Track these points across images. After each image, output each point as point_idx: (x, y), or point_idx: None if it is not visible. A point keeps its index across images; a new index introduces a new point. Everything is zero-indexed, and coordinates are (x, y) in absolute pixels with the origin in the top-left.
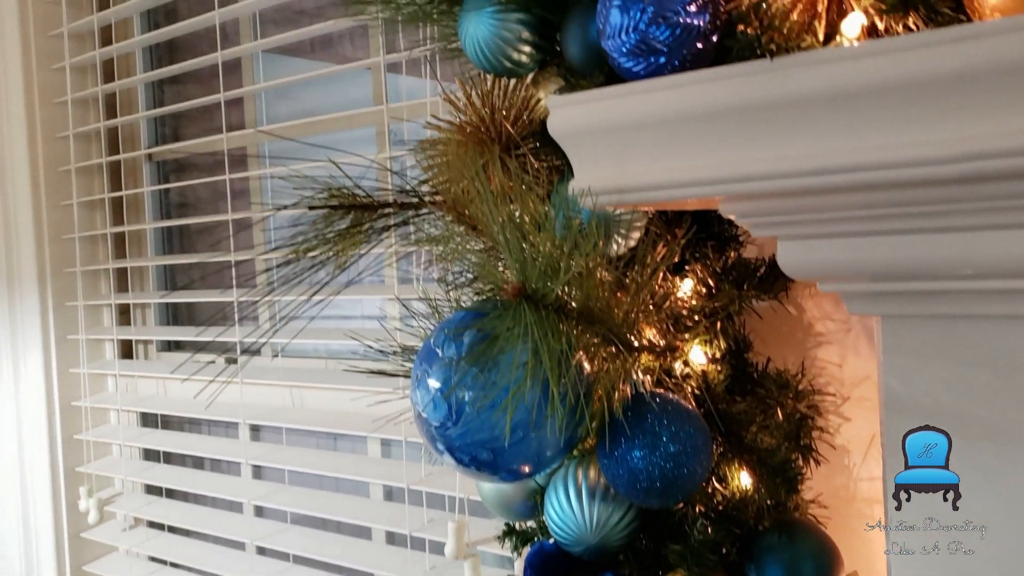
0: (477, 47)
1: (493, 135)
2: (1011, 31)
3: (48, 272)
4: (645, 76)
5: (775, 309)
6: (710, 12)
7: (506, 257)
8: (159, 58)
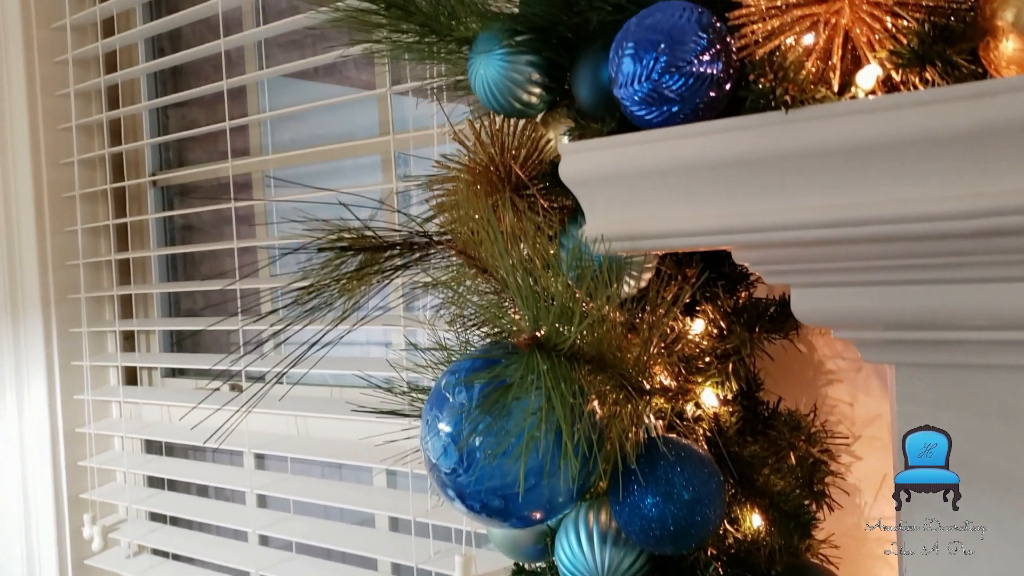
0: (487, 88)
1: (503, 175)
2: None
3: (52, 298)
4: (658, 124)
5: (786, 347)
6: (723, 61)
7: (518, 303)
8: (163, 83)
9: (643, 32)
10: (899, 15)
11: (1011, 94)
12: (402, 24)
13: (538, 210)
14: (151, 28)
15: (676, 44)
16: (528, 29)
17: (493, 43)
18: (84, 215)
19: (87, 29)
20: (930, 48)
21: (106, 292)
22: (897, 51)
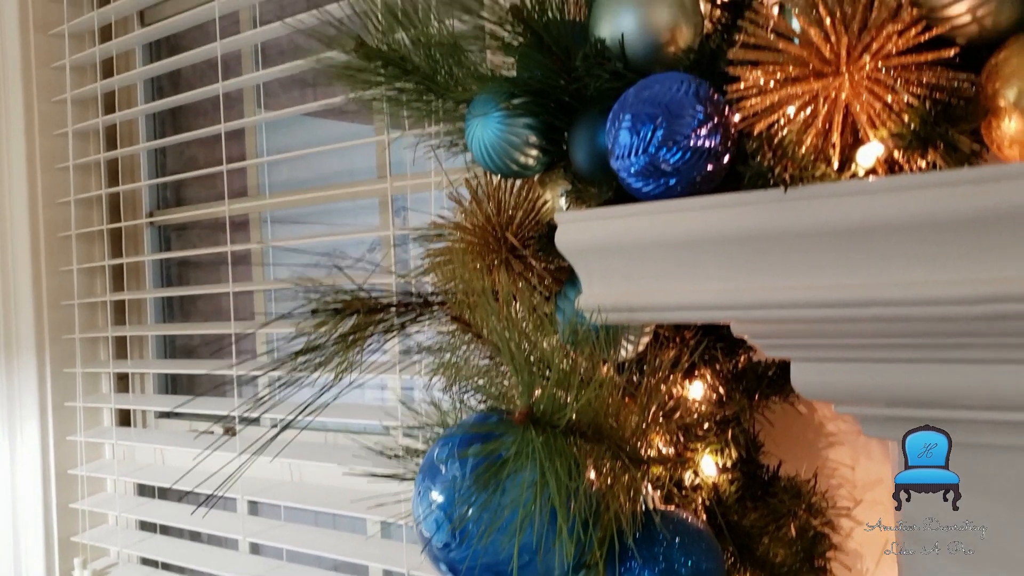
0: (483, 150)
1: (499, 234)
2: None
3: (47, 338)
4: (655, 197)
5: (786, 409)
6: (721, 134)
7: (512, 374)
8: (162, 122)
9: (640, 104)
10: (900, 92)
11: (1014, 181)
12: (398, 82)
13: (535, 271)
14: (150, 70)
15: (674, 117)
16: (525, 92)
17: (490, 106)
18: (80, 255)
19: (86, 69)
20: (932, 129)
21: (101, 333)
22: (899, 132)
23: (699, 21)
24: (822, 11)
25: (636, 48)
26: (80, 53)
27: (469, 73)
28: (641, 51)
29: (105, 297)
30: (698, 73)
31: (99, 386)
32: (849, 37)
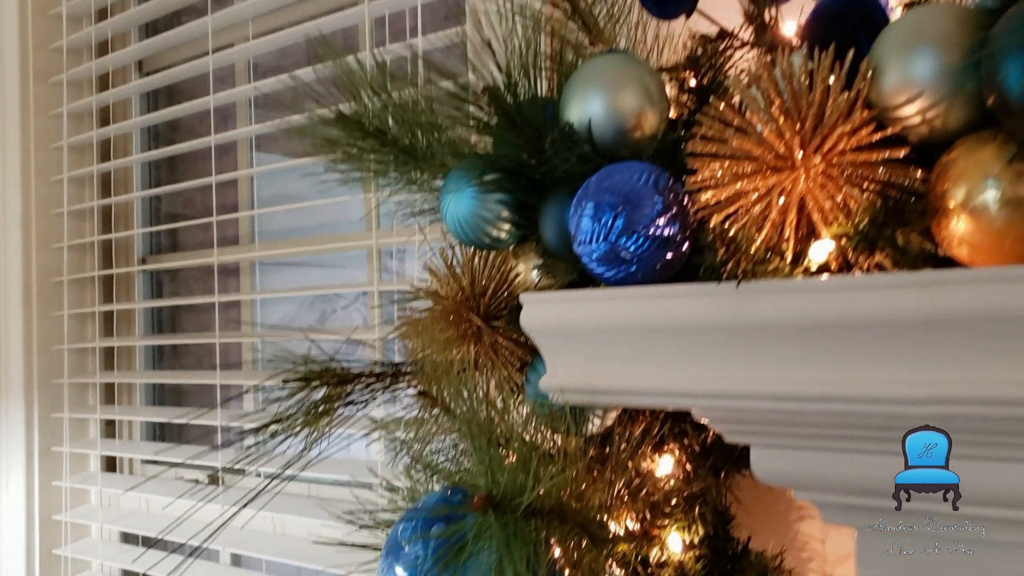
0: (457, 224)
1: (472, 305)
2: (974, 283)
3: (36, 383)
4: (617, 282)
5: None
6: (680, 223)
7: (473, 456)
8: (158, 167)
9: (602, 193)
10: (851, 190)
11: (960, 286)
12: (377, 153)
13: (506, 343)
14: (147, 120)
15: (634, 207)
16: (498, 169)
17: (463, 182)
18: (72, 300)
19: (83, 117)
20: (880, 230)
21: (89, 379)
22: (846, 232)
23: (664, 107)
24: (775, 110)
25: (603, 132)
26: (78, 101)
27: (446, 149)
28: (608, 135)
29: (95, 343)
30: (662, 160)
31: (87, 431)
32: (802, 135)
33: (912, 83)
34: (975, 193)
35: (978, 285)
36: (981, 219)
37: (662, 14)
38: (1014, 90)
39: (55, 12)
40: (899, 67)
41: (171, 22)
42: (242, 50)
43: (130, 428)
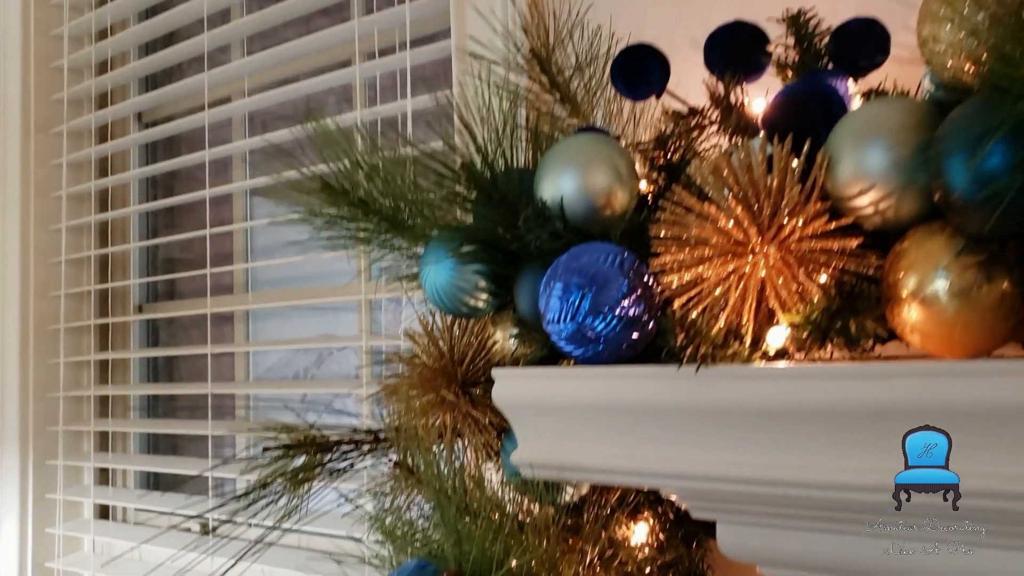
0: (436, 293)
1: (450, 372)
2: (916, 376)
3: (31, 430)
4: (585, 360)
5: None
6: (645, 303)
7: (445, 531)
8: (155, 215)
9: (570, 274)
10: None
11: (903, 379)
12: (360, 223)
13: (484, 409)
14: (146, 171)
15: (600, 288)
16: (475, 241)
17: (441, 253)
18: (68, 348)
19: (83, 166)
20: (833, 320)
21: (84, 427)
22: (800, 321)
23: (634, 186)
24: (733, 199)
25: (575, 210)
26: (77, 152)
27: (429, 220)
28: (580, 213)
29: (90, 391)
30: (631, 239)
31: (81, 478)
32: (760, 223)
33: (865, 175)
34: (926, 283)
35: (920, 378)
36: (932, 309)
37: (633, 96)
38: (956, 189)
39: (57, 64)
40: (853, 159)
41: (171, 73)
42: (237, 106)
43: (124, 476)
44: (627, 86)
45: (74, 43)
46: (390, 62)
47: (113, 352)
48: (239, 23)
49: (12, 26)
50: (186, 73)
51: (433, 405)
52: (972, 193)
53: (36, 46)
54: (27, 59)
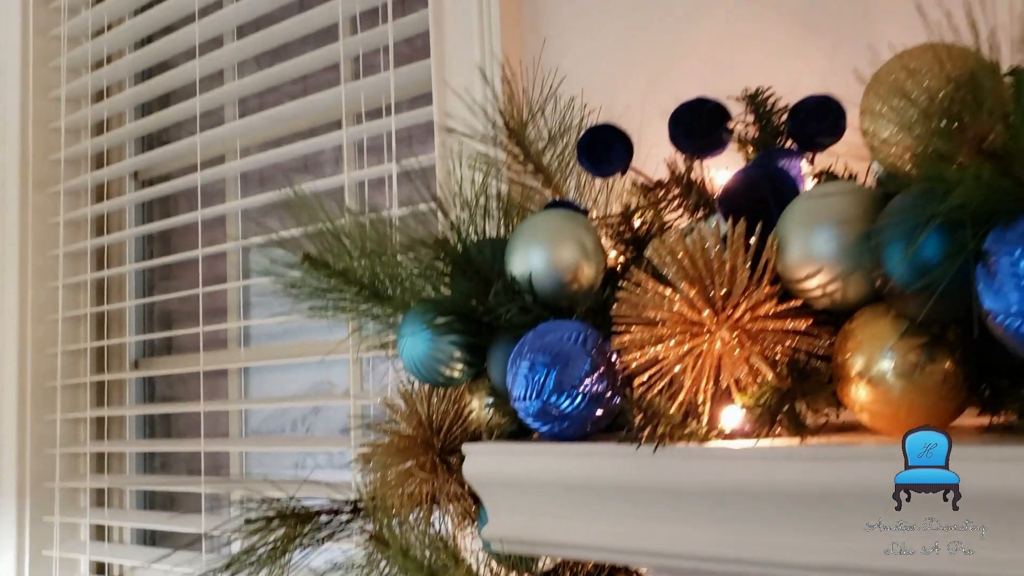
0: (413, 364)
1: (428, 440)
2: (857, 459)
3: (28, 486)
4: (552, 436)
5: None
6: (608, 380)
7: None
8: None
9: (536, 352)
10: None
11: (845, 462)
12: (342, 292)
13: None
14: (141, 231)
15: (564, 367)
16: (450, 312)
17: (417, 325)
18: (65, 404)
19: (80, 224)
20: (782, 401)
21: (81, 483)
22: (750, 404)
23: (600, 260)
24: (686, 283)
25: (543, 285)
26: (75, 211)
27: (408, 291)
28: (548, 288)
29: (86, 448)
30: (596, 315)
31: (77, 534)
32: (714, 304)
33: (813, 259)
34: (872, 364)
35: (860, 461)
36: (878, 388)
37: (598, 174)
38: (895, 276)
39: (55, 125)
40: (801, 243)
41: (167, 132)
42: (230, 167)
43: (120, 532)
44: (592, 164)
45: (72, 104)
46: (376, 126)
47: (109, 409)
48: (232, 86)
49: (11, 87)
50: (182, 132)
51: (411, 473)
52: (909, 281)
53: (35, 107)
54: (26, 119)
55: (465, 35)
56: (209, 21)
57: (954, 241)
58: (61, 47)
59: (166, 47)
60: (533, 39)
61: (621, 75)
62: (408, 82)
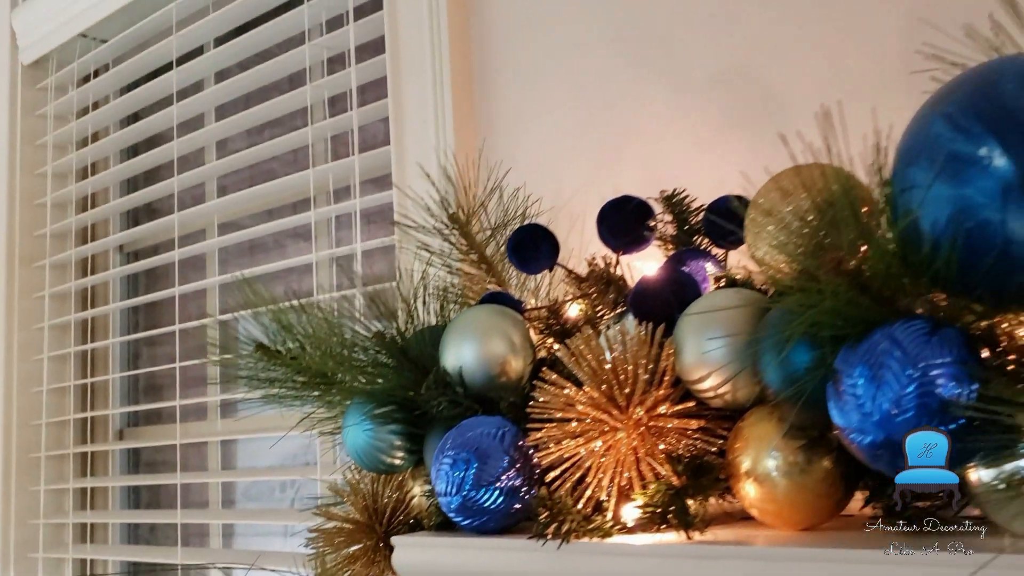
0: (356, 454)
1: (373, 525)
2: (738, 558)
3: (12, 556)
4: (474, 529)
5: None
6: (525, 475)
7: None
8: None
9: (457, 449)
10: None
11: (727, 560)
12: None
13: None
14: (126, 304)
15: (483, 463)
16: (390, 402)
17: (359, 416)
18: (48, 475)
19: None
20: (673, 499)
21: (64, 553)
22: (643, 504)
23: (528, 354)
24: (592, 385)
25: (474, 378)
26: (60, 286)
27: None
28: (478, 380)
29: (69, 519)
30: (518, 409)
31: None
32: (618, 405)
33: (705, 363)
34: (758, 462)
35: (742, 560)
36: (764, 486)
37: (527, 271)
38: (769, 382)
39: (40, 201)
40: (694, 348)
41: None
42: (207, 245)
43: (105, 567)
44: (520, 262)
45: (58, 179)
46: (344, 207)
47: (91, 480)
48: (210, 167)
49: (0, 165)
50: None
51: (355, 558)
52: (779, 389)
53: (21, 184)
54: (12, 196)
55: (421, 125)
56: (189, 102)
57: (816, 355)
58: (48, 125)
59: (149, 126)
60: (486, 131)
61: (567, 166)
62: (373, 165)
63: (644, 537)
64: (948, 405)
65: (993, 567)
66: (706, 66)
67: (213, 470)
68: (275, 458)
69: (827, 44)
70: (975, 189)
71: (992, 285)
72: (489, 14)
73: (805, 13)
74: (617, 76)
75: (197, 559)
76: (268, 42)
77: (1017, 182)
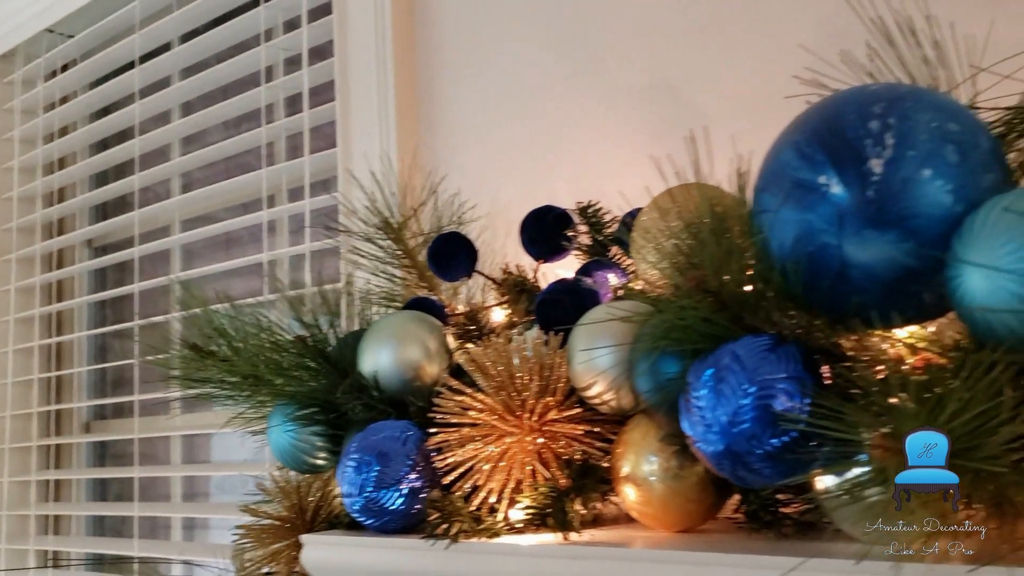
0: (280, 454)
1: (298, 522)
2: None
3: None
4: (377, 529)
5: None
6: (425, 478)
7: None
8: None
9: (362, 451)
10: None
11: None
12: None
13: None
14: (93, 333)
15: (386, 465)
16: (311, 404)
17: (281, 418)
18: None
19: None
20: (556, 502)
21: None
22: (525, 506)
23: (443, 359)
24: (490, 392)
25: (389, 382)
26: (27, 279)
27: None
28: (394, 384)
29: (31, 511)
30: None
31: None
32: (513, 410)
33: (592, 370)
34: (637, 466)
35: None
36: (642, 489)
37: (446, 278)
38: (640, 391)
39: (7, 196)
40: (583, 356)
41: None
42: (169, 241)
43: None
44: (439, 270)
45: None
46: (294, 207)
47: (54, 472)
48: (171, 164)
49: None
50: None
51: (277, 554)
52: (647, 398)
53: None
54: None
55: (366, 129)
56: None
57: (681, 367)
58: (15, 120)
59: (116, 121)
60: (428, 136)
61: (505, 173)
62: (323, 167)
63: (529, 537)
64: (781, 418)
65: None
66: (638, 78)
67: (175, 464)
68: (248, 452)
69: (742, 61)
70: (816, 215)
71: (832, 304)
72: (434, 22)
73: (726, 30)
74: (556, 85)
75: (154, 552)
76: (232, 40)
77: (852, 208)
